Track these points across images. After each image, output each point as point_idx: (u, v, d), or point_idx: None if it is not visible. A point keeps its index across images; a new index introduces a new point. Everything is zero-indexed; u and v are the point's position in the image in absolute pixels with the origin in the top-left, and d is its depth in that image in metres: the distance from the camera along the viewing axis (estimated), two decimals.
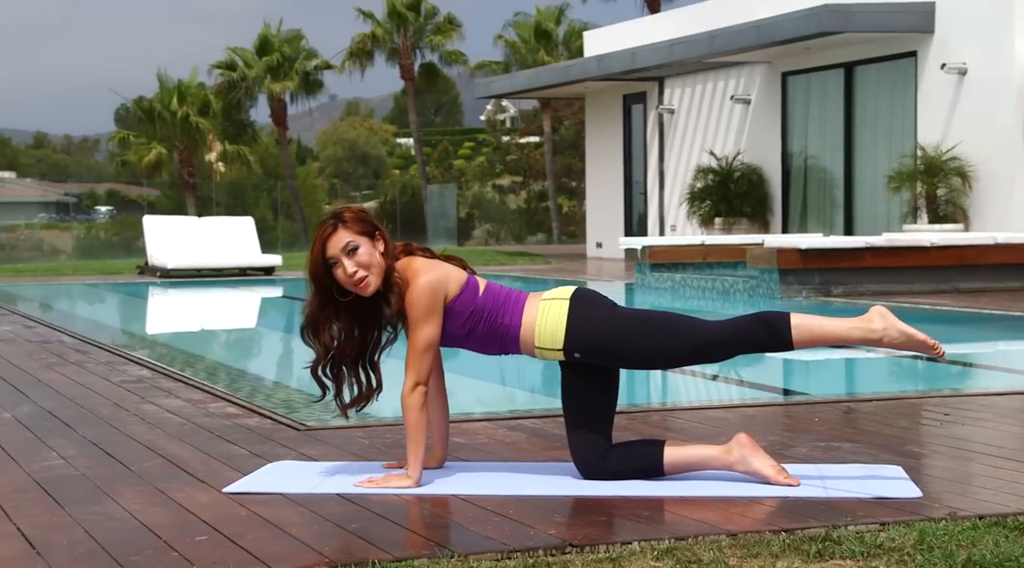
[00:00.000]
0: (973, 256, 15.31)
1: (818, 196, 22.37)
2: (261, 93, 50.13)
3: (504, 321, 5.04)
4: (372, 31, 47.65)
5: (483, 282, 5.14)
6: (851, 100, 21.51)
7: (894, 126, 20.77)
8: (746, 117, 23.81)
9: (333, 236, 5.01)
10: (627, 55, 24.13)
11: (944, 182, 19.17)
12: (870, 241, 15.07)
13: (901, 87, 20.59)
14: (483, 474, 5.20)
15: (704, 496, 4.76)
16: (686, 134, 25.49)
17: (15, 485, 5.21)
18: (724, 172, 23.16)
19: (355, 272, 4.98)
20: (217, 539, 4.26)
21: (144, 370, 9.04)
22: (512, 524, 4.42)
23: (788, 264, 14.53)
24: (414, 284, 4.99)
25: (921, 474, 5.09)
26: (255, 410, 7.05)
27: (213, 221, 24.37)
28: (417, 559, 3.98)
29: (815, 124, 22.35)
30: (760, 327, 4.97)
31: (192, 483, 5.16)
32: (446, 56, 48.30)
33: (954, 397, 7.34)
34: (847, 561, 3.91)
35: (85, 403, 7.49)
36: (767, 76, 23.27)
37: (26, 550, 4.20)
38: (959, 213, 19.18)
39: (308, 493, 4.91)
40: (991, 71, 18.90)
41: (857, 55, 21.18)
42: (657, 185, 26.23)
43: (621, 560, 3.96)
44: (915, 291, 14.97)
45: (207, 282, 21.72)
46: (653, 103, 26.43)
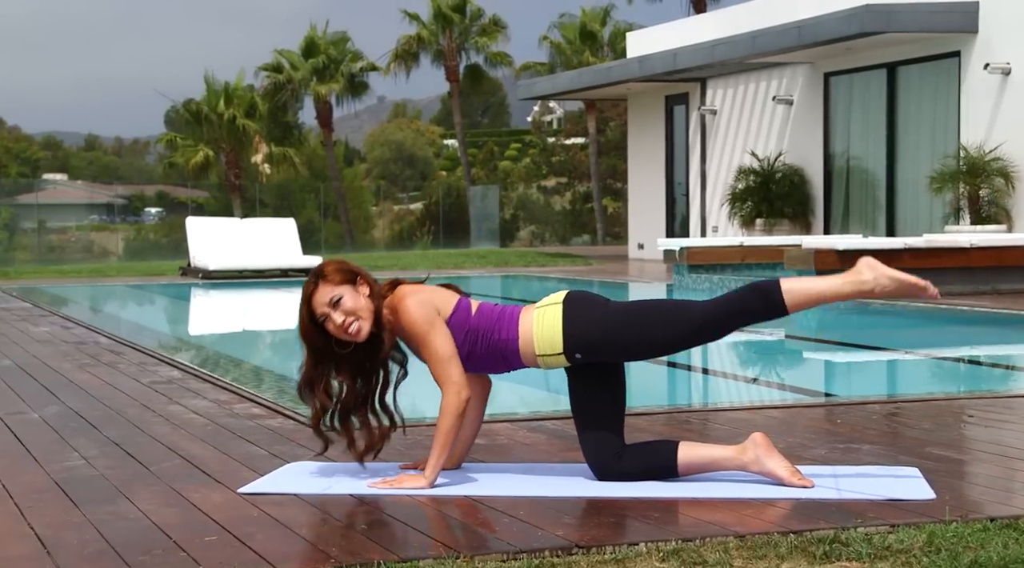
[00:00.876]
0: (1014, 257, 15.19)
1: (860, 197, 22.25)
2: (307, 95, 50.33)
3: (502, 336, 5.06)
4: (417, 33, 47.79)
5: (476, 303, 5.18)
6: (894, 100, 21.39)
7: (936, 126, 20.64)
8: (788, 118, 23.71)
9: (316, 293, 5.07)
10: (669, 56, 24.09)
11: (987, 183, 19.04)
12: (909, 242, 14.98)
13: (944, 87, 20.46)
14: (498, 475, 5.20)
15: (716, 497, 4.75)
16: (728, 135, 25.42)
17: (34, 485, 5.25)
18: (766, 173, 23.07)
19: (343, 321, 5.02)
20: (226, 539, 4.28)
21: (175, 371, 9.09)
22: (521, 525, 4.42)
23: (825, 265, 14.44)
24: (402, 307, 5.04)
25: (938, 476, 5.05)
26: (279, 411, 7.08)
27: (255, 223, 24.49)
28: (423, 559, 3.99)
29: (857, 125, 22.23)
30: (753, 296, 5.00)
31: (208, 483, 5.19)
32: (491, 58, 48.40)
33: (981, 398, 7.29)
34: (853, 563, 3.89)
35: (112, 404, 7.54)
36: (809, 76, 23.18)
37: (37, 549, 4.23)
38: (1002, 214, 19.05)
39: (322, 494, 4.93)
40: None
41: (900, 55, 21.06)
42: (699, 186, 26.16)
43: (626, 561, 3.96)
44: (954, 292, 14.85)
45: (248, 283, 21.82)
46: (695, 104, 26.37)
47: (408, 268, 25.11)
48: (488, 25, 47.95)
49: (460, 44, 48.23)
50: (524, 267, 25.07)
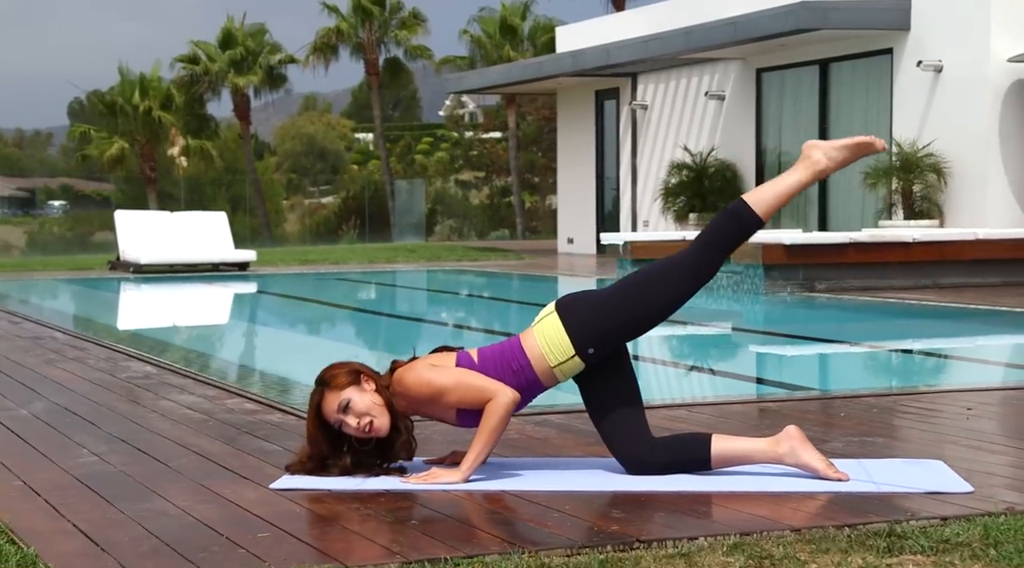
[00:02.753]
0: (953, 252, 15.42)
1: None
2: (224, 87, 49.91)
3: (514, 367, 5.08)
4: (337, 25, 47.50)
5: (474, 351, 5.18)
6: (826, 97, 21.60)
7: (869, 123, 20.87)
8: (720, 113, 23.88)
9: (324, 403, 5.06)
10: (602, 51, 24.15)
11: (920, 179, 19.29)
12: (854, 237, 15.16)
13: (876, 84, 20.70)
14: (525, 470, 5.20)
15: (754, 491, 4.78)
16: (659, 130, 25.54)
17: (55, 481, 5.18)
18: (698, 168, 23.21)
19: (358, 423, 5.01)
20: (280, 535, 4.25)
21: (147, 366, 8.99)
22: (572, 520, 4.42)
23: (773, 259, 14.59)
24: (406, 384, 5.05)
25: (961, 469, 5.11)
26: (275, 406, 7.03)
27: (186, 216, 24.26)
28: (488, 555, 3.98)
29: (789, 120, 22.43)
30: (725, 223, 5.11)
31: (235, 480, 5.14)
32: (411, 51, 48.25)
33: (975, 391, 7.38)
34: (918, 556, 3.93)
35: (98, 399, 7.45)
36: (741, 73, 23.35)
37: (88, 546, 4.17)
38: (934, 209, 19.30)
39: (356, 489, 4.90)
40: (966, 69, 19.02)
41: (832, 52, 21.27)
42: (630, 181, 26.27)
43: (692, 556, 3.97)
44: (896, 287, 15.06)
45: (182, 277, 21.60)
46: (626, 99, 26.46)
47: (340, 262, 25.01)
48: (408, 18, 47.79)
49: (380, 37, 48.05)
50: (457, 261, 25.04)
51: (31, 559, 4.01)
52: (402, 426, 5.08)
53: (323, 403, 5.04)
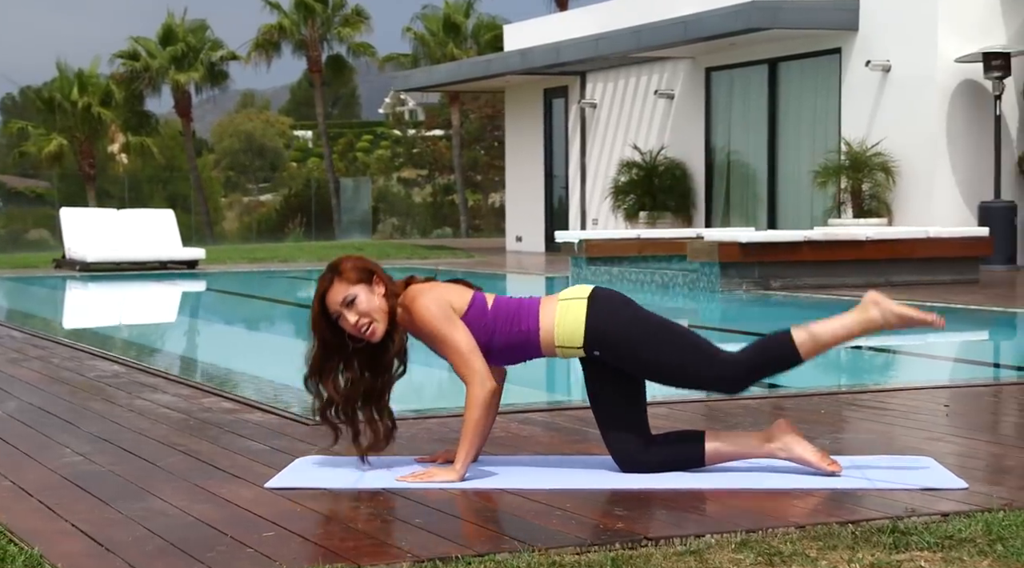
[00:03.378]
0: (905, 250, 15.55)
1: (741, 191, 22.60)
2: (165, 84, 49.61)
3: (522, 328, 5.04)
4: (279, 22, 47.37)
5: (491, 297, 5.15)
6: (775, 96, 21.75)
7: (817, 122, 21.04)
8: (669, 112, 23.98)
9: (330, 290, 5.05)
10: (551, 50, 24.20)
11: (869, 177, 19.46)
12: (808, 235, 15.26)
13: (825, 83, 20.86)
14: (519, 468, 5.20)
15: (750, 488, 4.80)
16: (608, 129, 25.61)
17: (44, 481, 5.13)
18: (648, 166, 23.30)
19: (356, 321, 5.01)
20: (285, 535, 4.23)
21: (115, 365, 8.92)
22: (576, 518, 4.43)
23: (729, 257, 14.67)
24: (417, 306, 5.01)
25: (948, 465, 5.15)
26: (253, 406, 6.99)
27: (133, 214, 24.09)
28: (499, 554, 3.98)
29: (739, 119, 22.56)
30: (770, 347, 5.02)
31: (228, 479, 5.12)
32: (354, 48, 48.16)
33: (949, 388, 7.46)
34: (925, 552, 3.96)
35: (72, 398, 7.39)
36: (690, 72, 23.45)
37: (92, 546, 4.14)
38: (883, 208, 19.49)
39: (352, 488, 4.89)
40: (914, 69, 19.21)
41: (781, 51, 21.42)
42: (579, 179, 26.33)
43: (702, 553, 3.98)
44: (849, 284, 15.17)
45: (131, 276, 21.45)
46: (575, 97, 26.52)
47: (288, 260, 24.92)
48: (351, 15, 47.72)
49: (323, 34, 47.92)
50: (406, 259, 25.00)
51: (36, 560, 3.98)
52: (397, 338, 5.03)
53: (329, 291, 5.02)
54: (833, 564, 3.85)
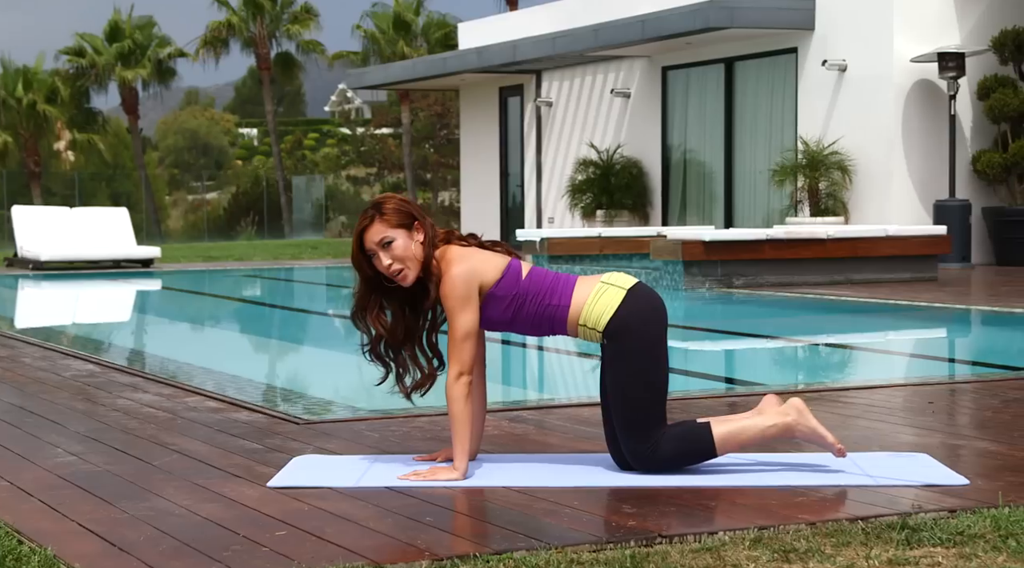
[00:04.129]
0: (865, 248, 15.65)
1: (698, 189, 22.69)
2: (111, 81, 49.30)
3: (553, 302, 5.04)
4: (227, 19, 47.16)
5: (527, 266, 5.13)
6: (731, 95, 21.85)
7: (774, 121, 21.15)
8: (626, 110, 24.04)
9: (369, 229, 5.05)
10: (508, 48, 24.21)
11: (825, 176, 19.59)
12: (770, 233, 15.35)
13: (781, 83, 20.97)
14: (520, 466, 5.21)
15: (754, 486, 4.82)
16: (564, 127, 25.65)
17: (43, 481, 5.10)
18: (605, 165, 23.35)
19: (389, 264, 5.02)
20: (299, 534, 4.22)
21: (88, 364, 8.86)
22: (585, 515, 4.45)
23: (693, 256, 14.73)
24: (446, 276, 5.01)
25: (943, 461, 5.19)
26: (238, 405, 6.96)
27: (86, 212, 23.89)
28: (516, 551, 3.98)
29: (695, 118, 22.65)
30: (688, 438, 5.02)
31: (228, 478, 5.10)
32: (303, 46, 48.00)
33: (931, 385, 7.52)
34: (939, 548, 4.00)
35: (52, 398, 7.35)
36: (647, 70, 23.52)
37: (105, 546, 4.12)
38: (839, 206, 19.61)
39: (355, 487, 4.88)
40: (870, 69, 19.35)
41: (738, 51, 21.52)
42: (535, 177, 26.35)
43: (717, 551, 4.00)
44: (811, 282, 15.27)
45: (87, 275, 21.29)
46: (530, 95, 26.54)
47: (244, 259, 24.80)
48: (300, 12, 47.58)
49: (271, 31, 47.74)
50: None
51: (50, 560, 3.95)
52: (432, 289, 5.03)
53: (368, 229, 5.03)
54: (850, 560, 3.88)
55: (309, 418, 6.44)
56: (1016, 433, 5.91)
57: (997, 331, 11.63)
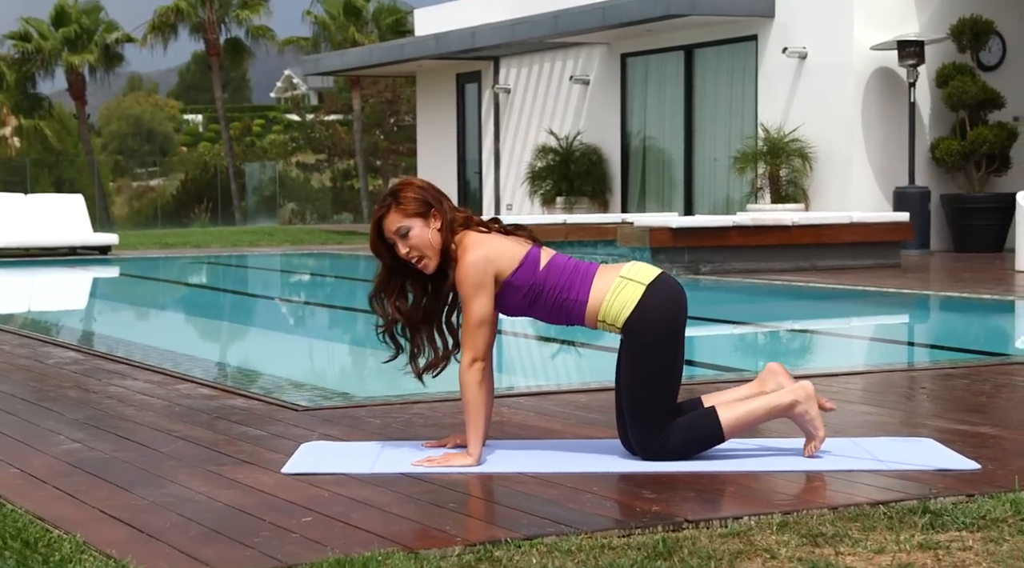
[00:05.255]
0: (830, 235, 15.76)
1: (657, 176, 22.75)
2: (58, 66, 48.91)
3: (571, 296, 5.03)
4: (176, 4, 46.81)
5: (547, 254, 5.11)
6: (691, 82, 21.92)
7: (734, 108, 21.23)
8: (585, 97, 24.07)
9: (386, 218, 5.07)
10: (467, 34, 24.18)
11: (786, 163, 19.69)
12: (736, 220, 15.42)
13: (741, 70, 21.05)
14: (531, 452, 5.22)
15: (765, 471, 4.86)
16: (522, 114, 25.65)
17: (53, 469, 5.07)
18: (564, 152, 23.37)
19: (407, 253, 5.04)
20: (324, 520, 4.22)
21: (69, 352, 8.81)
22: (607, 501, 4.48)
23: (660, 243, 14.79)
24: (461, 262, 5.01)
25: (948, 445, 5.24)
26: (231, 391, 6.95)
27: (40, 198, 23.66)
28: (545, 537, 4.00)
29: (654, 105, 22.71)
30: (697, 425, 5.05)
31: (239, 465, 5.09)
32: (253, 31, 47.74)
33: (921, 370, 7.60)
34: (964, 532, 4.04)
35: (42, 385, 7.31)
36: (606, 57, 23.55)
37: (133, 533, 4.10)
38: (800, 193, 19.73)
39: (370, 473, 4.88)
40: (830, 57, 19.47)
41: (697, 38, 21.58)
42: (492, 164, 26.34)
43: (745, 535, 4.03)
44: (777, 269, 15.36)
45: (42, 262, 21.11)
46: (488, 82, 26.52)
47: (201, 245, 24.68)
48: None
49: (220, 17, 47.45)
50: (322, 245, 24.89)
51: (80, 546, 3.94)
52: (451, 273, 5.04)
53: (385, 218, 5.05)
54: (880, 545, 3.91)
55: (307, 405, 6.43)
56: (1015, 417, 5.98)
57: (969, 317, 11.74)
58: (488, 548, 3.90)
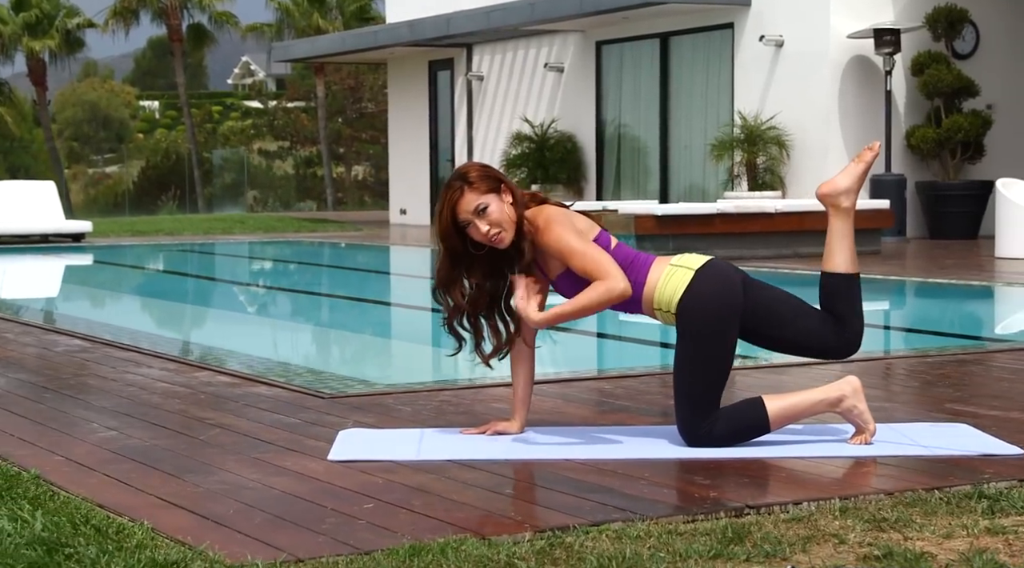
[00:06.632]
0: (812, 222, 15.78)
1: (632, 164, 22.80)
2: (18, 51, 48.57)
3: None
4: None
5: (614, 240, 5.20)
6: (667, 70, 21.96)
7: (710, 96, 21.29)
8: (559, 85, 24.08)
9: (461, 200, 5.07)
10: (441, 21, 24.14)
11: (763, 151, 19.78)
12: (720, 207, 15.49)
13: (717, 58, 21.11)
14: (575, 438, 5.23)
15: (812, 457, 4.89)
16: (496, 101, 25.63)
17: (97, 456, 5.05)
18: (539, 139, 23.40)
19: (487, 230, 5.05)
20: (386, 507, 4.23)
21: (75, 340, 8.77)
22: (663, 487, 4.50)
23: (645, 230, 14.85)
24: (550, 227, 5.03)
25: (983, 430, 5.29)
26: (252, 378, 6.93)
27: (11, 185, 23.48)
28: (612, 523, 4.02)
29: (629, 93, 22.74)
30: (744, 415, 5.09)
31: (284, 453, 5.08)
32: (216, 17, 47.54)
33: (931, 358, 7.65)
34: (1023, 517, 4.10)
35: (58, 373, 7.28)
36: (581, 45, 23.57)
37: (199, 520, 4.10)
38: (777, 181, 19.82)
39: (418, 460, 4.90)
40: (807, 45, 19.55)
41: (673, 26, 21.62)
42: (466, 152, 26.32)
43: (809, 520, 4.06)
44: (760, 256, 15.42)
45: (15, 249, 20.95)
46: (461, 69, 26.48)
47: (174, 233, 24.58)
48: None
49: (183, 2, 47.20)
50: (294, 232, 24.83)
51: (150, 533, 3.93)
52: (527, 249, 5.08)
53: (461, 200, 5.05)
54: (947, 530, 3.95)
55: (332, 393, 6.43)
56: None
57: (964, 303, 11.83)
58: (558, 534, 3.92)
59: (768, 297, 5.18)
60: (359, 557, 3.71)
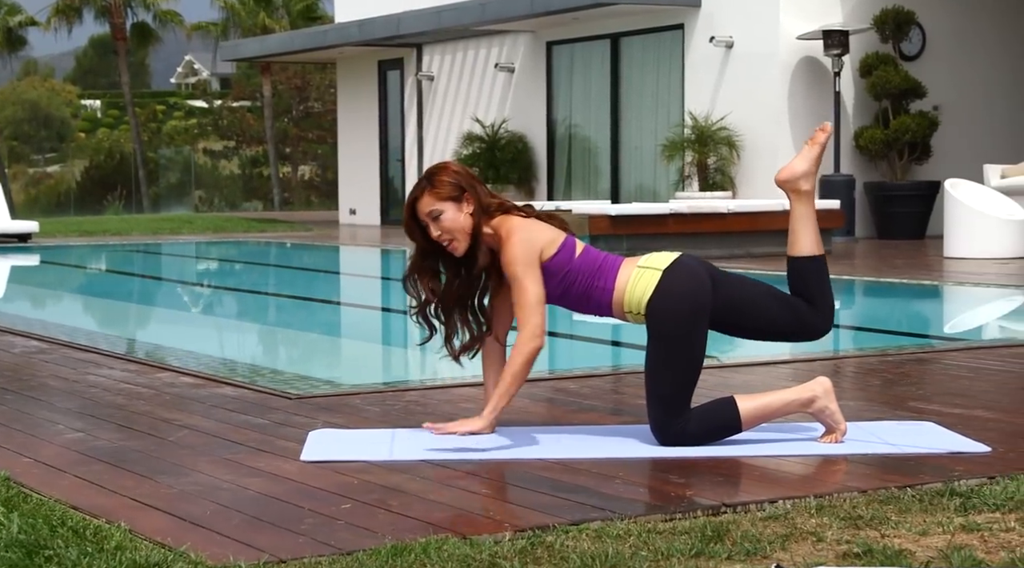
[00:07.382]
0: (765, 222, 15.90)
1: (583, 164, 22.85)
2: None
3: (598, 284, 5.12)
4: None
5: (581, 244, 5.22)
6: (617, 71, 22.02)
7: (660, 97, 21.36)
8: (510, 85, 24.10)
9: (419, 201, 5.16)
10: (391, 21, 24.10)
11: (714, 151, 19.87)
12: (674, 207, 15.54)
13: (668, 59, 21.18)
14: (546, 438, 5.22)
15: (784, 455, 4.93)
16: (447, 101, 25.61)
17: (66, 458, 5.02)
18: (490, 140, 23.41)
19: (439, 235, 5.11)
20: (364, 507, 4.23)
21: (32, 341, 8.70)
22: (638, 486, 4.53)
23: (599, 230, 14.88)
24: (508, 243, 5.08)
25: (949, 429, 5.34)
26: (216, 380, 6.90)
27: None
28: (591, 523, 4.03)
29: (580, 93, 22.79)
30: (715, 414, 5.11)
31: (256, 453, 5.07)
32: (160, 16, 47.28)
33: (896, 355, 7.72)
34: (997, 514, 4.13)
35: (20, 374, 7.22)
36: (531, 45, 23.60)
37: (176, 522, 4.08)
38: (727, 181, 19.91)
39: (391, 460, 4.89)
40: (757, 46, 19.65)
41: (624, 27, 21.68)
42: (416, 152, 26.29)
43: (785, 518, 4.09)
44: (713, 256, 15.46)
45: None
46: (411, 69, 26.45)
47: (122, 233, 24.42)
48: None
49: (127, 1, 46.91)
50: (244, 232, 24.72)
51: (128, 535, 3.91)
52: (480, 257, 5.13)
53: (419, 200, 5.15)
54: (923, 527, 3.98)
55: (299, 393, 6.41)
56: (1004, 400, 6.11)
57: (916, 303, 11.93)
58: (538, 533, 3.92)
59: (738, 287, 5.23)
60: (341, 557, 3.70)
